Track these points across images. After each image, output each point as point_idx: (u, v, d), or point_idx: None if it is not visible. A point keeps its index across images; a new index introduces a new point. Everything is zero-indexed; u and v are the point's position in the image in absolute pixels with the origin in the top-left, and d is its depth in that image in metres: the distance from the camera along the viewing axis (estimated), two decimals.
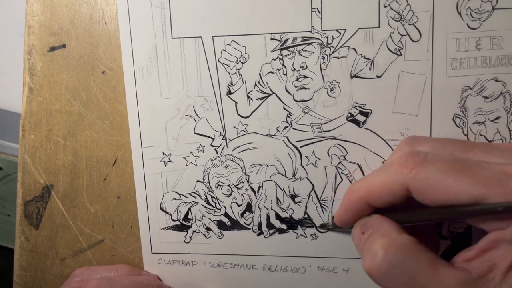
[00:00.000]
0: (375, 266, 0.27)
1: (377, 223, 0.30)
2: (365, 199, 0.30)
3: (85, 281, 0.39)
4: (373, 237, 0.29)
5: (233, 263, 0.41)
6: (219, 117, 0.39)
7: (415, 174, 0.27)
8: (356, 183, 0.31)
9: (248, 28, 0.37)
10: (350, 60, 0.37)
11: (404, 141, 0.32)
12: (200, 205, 0.41)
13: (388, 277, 0.27)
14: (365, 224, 0.31)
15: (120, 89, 0.40)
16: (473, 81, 0.35)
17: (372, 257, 0.27)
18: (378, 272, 0.27)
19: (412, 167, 0.27)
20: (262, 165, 0.39)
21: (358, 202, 0.31)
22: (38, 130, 0.42)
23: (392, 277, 0.26)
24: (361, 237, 0.30)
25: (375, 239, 0.28)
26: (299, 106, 0.38)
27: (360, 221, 0.31)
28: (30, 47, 0.41)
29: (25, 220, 0.43)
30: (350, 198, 0.31)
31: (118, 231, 0.42)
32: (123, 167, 0.41)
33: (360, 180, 0.32)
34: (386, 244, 0.27)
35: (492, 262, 0.25)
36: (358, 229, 0.31)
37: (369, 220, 0.31)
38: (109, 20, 0.40)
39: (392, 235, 0.28)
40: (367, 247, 0.29)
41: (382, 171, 0.29)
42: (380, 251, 0.27)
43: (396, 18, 0.35)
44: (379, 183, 0.29)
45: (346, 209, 0.32)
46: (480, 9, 0.34)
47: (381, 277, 0.27)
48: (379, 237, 0.28)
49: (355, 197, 0.31)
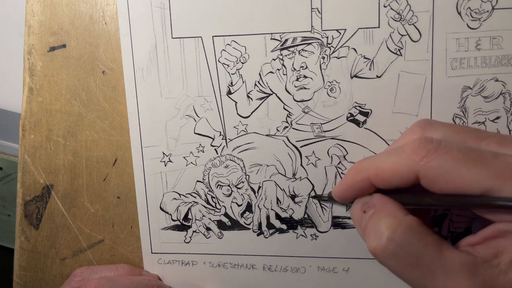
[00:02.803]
0: (381, 247, 0.27)
1: (380, 202, 0.29)
2: (370, 180, 0.29)
3: (85, 281, 0.39)
4: (378, 216, 0.28)
5: (233, 263, 0.41)
6: (219, 117, 0.39)
7: (427, 162, 0.26)
8: (363, 162, 0.30)
9: (248, 28, 0.37)
10: (350, 60, 0.37)
11: (417, 124, 0.31)
12: (200, 205, 0.41)
13: (393, 258, 0.26)
14: (366, 202, 0.30)
15: (120, 89, 0.40)
16: (473, 81, 0.35)
17: (377, 237, 0.27)
18: (384, 252, 0.27)
19: (425, 154, 0.26)
20: (262, 165, 0.39)
21: (363, 181, 0.30)
22: (38, 130, 0.42)
23: (398, 258, 0.26)
24: (362, 215, 0.30)
25: (380, 219, 0.28)
26: (299, 106, 0.38)
27: (361, 199, 0.31)
28: (30, 47, 0.41)
29: (25, 220, 0.43)
30: (354, 176, 0.30)
31: (118, 231, 0.42)
32: (123, 167, 0.41)
33: (367, 159, 0.31)
34: (392, 224, 0.27)
35: (497, 250, 0.25)
36: (358, 207, 0.31)
37: (371, 199, 0.30)
38: (109, 20, 0.40)
39: (398, 215, 0.27)
40: (370, 226, 0.28)
41: (392, 154, 0.28)
42: (386, 231, 0.27)
43: (396, 18, 0.35)
44: (389, 166, 0.28)
45: (348, 187, 0.31)
46: (480, 9, 0.34)
47: (386, 257, 0.27)
48: (385, 217, 0.27)
49: (360, 176, 0.30)
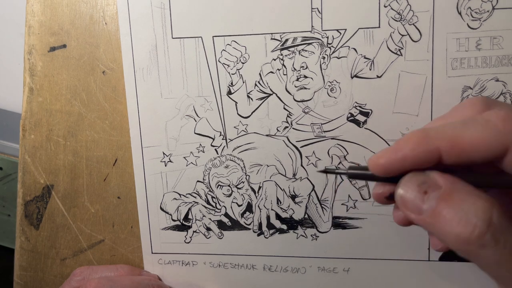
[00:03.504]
0: (478, 233, 0.22)
1: (448, 182, 0.24)
2: (440, 152, 0.24)
3: (85, 280, 0.39)
4: (458, 198, 0.23)
5: (233, 263, 0.41)
6: (219, 117, 0.39)
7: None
8: (432, 130, 0.25)
9: (248, 28, 0.37)
10: (350, 60, 0.37)
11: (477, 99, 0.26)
12: (200, 205, 0.41)
13: (494, 245, 0.22)
14: (425, 182, 0.25)
15: (120, 89, 0.40)
16: (473, 81, 0.35)
17: (468, 222, 0.22)
18: (481, 239, 0.22)
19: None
20: (262, 165, 0.39)
21: (430, 152, 0.24)
22: (39, 130, 0.42)
23: (499, 245, 0.22)
24: (422, 197, 0.24)
25: (463, 201, 0.23)
26: (299, 106, 0.38)
27: (416, 177, 0.25)
28: (30, 47, 0.41)
29: (25, 220, 0.43)
30: (417, 146, 0.24)
31: (118, 231, 0.42)
32: (123, 167, 0.41)
33: (434, 127, 0.25)
34: (486, 207, 0.22)
35: None
36: (414, 186, 0.25)
37: (428, 177, 0.25)
38: (109, 20, 0.40)
39: (485, 197, 0.23)
40: (449, 211, 0.23)
41: (471, 124, 0.24)
42: (482, 215, 0.22)
43: (397, 18, 0.35)
44: (473, 137, 0.23)
45: (405, 156, 0.25)
46: (481, 9, 0.34)
47: (485, 246, 0.22)
48: (471, 199, 0.23)
49: (427, 147, 0.24)
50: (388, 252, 0.38)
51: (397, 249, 0.38)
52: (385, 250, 0.38)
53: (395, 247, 0.38)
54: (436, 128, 0.25)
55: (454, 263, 0.38)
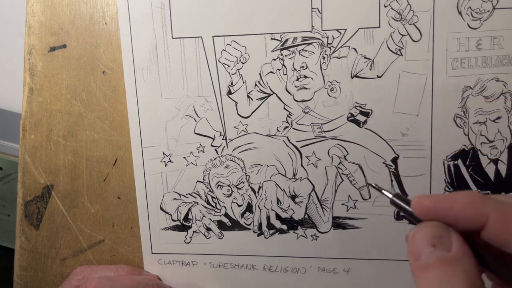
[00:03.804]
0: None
1: (461, 250, 0.24)
2: (489, 222, 0.24)
3: (85, 280, 0.39)
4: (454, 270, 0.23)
5: (233, 264, 0.41)
6: (219, 117, 0.39)
7: None
8: (491, 198, 0.24)
9: (248, 28, 0.37)
10: (350, 60, 0.37)
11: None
12: (200, 205, 0.41)
13: None
14: (441, 237, 0.24)
15: (120, 89, 0.40)
16: (473, 81, 0.35)
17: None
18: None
19: None
20: (262, 165, 0.39)
21: (478, 217, 0.24)
22: (39, 130, 0.42)
23: None
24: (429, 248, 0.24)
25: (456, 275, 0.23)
26: (300, 106, 0.38)
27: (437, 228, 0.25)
28: (30, 47, 0.41)
29: (25, 220, 0.43)
30: (472, 204, 0.24)
31: (118, 231, 0.42)
32: (123, 167, 0.41)
33: (494, 196, 0.25)
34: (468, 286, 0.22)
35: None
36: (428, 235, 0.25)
37: (448, 235, 0.25)
38: (109, 20, 0.40)
39: (477, 280, 0.23)
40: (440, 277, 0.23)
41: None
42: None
43: (397, 18, 0.35)
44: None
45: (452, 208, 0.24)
46: (481, 9, 0.34)
47: None
48: (461, 273, 0.23)
49: (481, 210, 0.24)
50: (388, 252, 0.38)
51: (397, 249, 0.38)
52: (385, 250, 0.38)
53: (395, 247, 0.38)
54: (495, 197, 0.24)
55: None
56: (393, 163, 0.37)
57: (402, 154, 0.37)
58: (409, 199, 0.26)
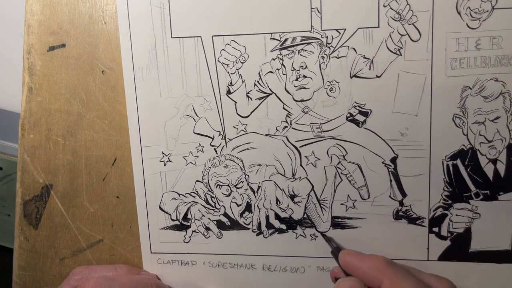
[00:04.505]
0: None
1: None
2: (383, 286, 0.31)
3: (84, 280, 0.39)
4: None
5: (232, 263, 0.41)
6: (219, 116, 0.39)
7: None
8: (396, 266, 0.32)
9: (248, 28, 0.37)
10: (349, 60, 0.37)
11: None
12: (199, 205, 0.41)
13: None
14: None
15: (120, 88, 0.40)
16: (472, 81, 0.35)
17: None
18: None
19: None
20: (262, 165, 0.39)
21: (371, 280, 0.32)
22: (38, 129, 0.42)
23: None
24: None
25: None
26: (299, 105, 0.38)
27: (353, 283, 0.32)
28: (29, 46, 0.41)
29: (24, 219, 0.43)
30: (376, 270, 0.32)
31: (117, 230, 0.42)
32: (122, 167, 0.41)
33: (401, 265, 0.33)
34: None
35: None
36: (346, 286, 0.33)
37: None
38: (108, 20, 0.40)
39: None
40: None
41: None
42: None
43: (396, 18, 0.35)
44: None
45: (359, 269, 0.33)
46: (480, 9, 0.34)
47: None
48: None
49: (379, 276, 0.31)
50: (387, 252, 0.38)
51: (396, 249, 0.38)
52: (384, 250, 0.38)
53: (394, 247, 0.38)
54: (399, 266, 0.32)
55: (453, 263, 0.38)
56: (392, 163, 0.37)
57: (401, 154, 0.37)
58: (341, 250, 0.35)
